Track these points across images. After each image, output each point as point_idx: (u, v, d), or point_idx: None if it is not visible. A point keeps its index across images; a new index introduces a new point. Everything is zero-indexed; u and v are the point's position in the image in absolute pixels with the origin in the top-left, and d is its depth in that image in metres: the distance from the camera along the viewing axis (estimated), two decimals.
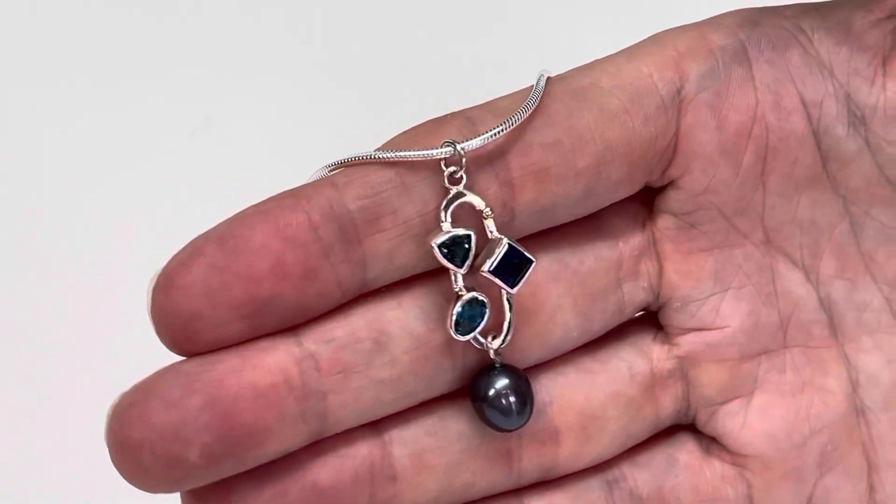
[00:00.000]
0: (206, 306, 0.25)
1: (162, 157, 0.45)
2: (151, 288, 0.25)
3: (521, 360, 0.29)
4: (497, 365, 0.28)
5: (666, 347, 0.30)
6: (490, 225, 0.27)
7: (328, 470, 0.27)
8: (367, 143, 0.28)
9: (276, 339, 0.26)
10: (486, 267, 0.27)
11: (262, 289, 0.25)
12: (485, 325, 0.27)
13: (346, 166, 0.27)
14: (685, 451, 0.31)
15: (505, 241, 0.27)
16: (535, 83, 0.28)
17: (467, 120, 0.27)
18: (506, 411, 0.28)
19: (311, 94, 0.48)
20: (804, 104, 0.29)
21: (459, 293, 0.27)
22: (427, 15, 0.52)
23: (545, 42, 0.49)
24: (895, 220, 0.30)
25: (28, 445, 0.37)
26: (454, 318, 0.27)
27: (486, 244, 0.27)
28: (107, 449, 0.25)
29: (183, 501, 0.26)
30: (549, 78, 0.29)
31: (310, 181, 0.27)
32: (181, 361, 0.25)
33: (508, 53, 0.48)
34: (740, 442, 0.30)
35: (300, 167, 0.29)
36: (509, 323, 0.28)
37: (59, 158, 0.46)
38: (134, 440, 0.24)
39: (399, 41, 0.50)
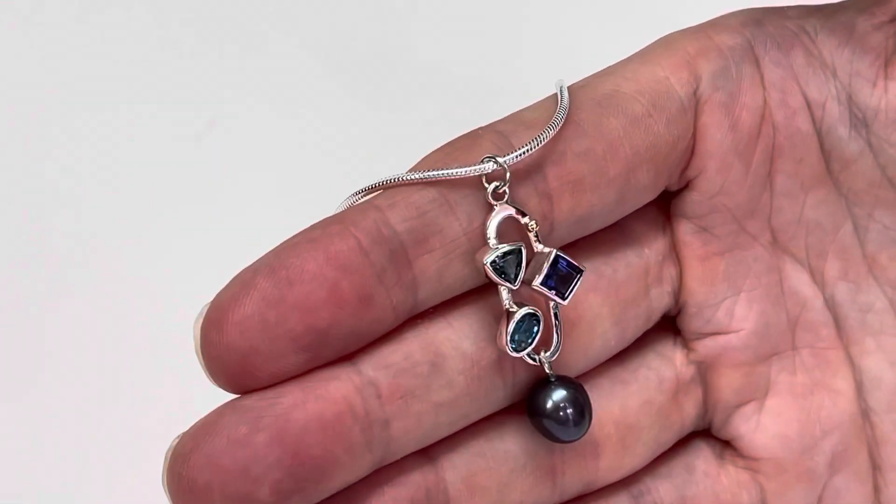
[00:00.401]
0: (264, 341, 0.24)
1: (167, 160, 0.44)
2: (200, 325, 0.25)
3: (565, 372, 0.29)
4: (552, 378, 0.28)
5: (684, 352, 0.31)
6: (534, 238, 0.27)
7: (387, 500, 0.26)
8: (374, 147, 0.27)
9: (335, 368, 0.25)
10: (536, 281, 0.27)
11: (319, 319, 0.25)
12: (538, 340, 0.27)
13: (377, 189, 0.26)
14: (702, 459, 0.31)
15: (554, 252, 0.27)
16: (557, 93, 0.28)
17: (499, 134, 0.27)
18: (565, 423, 0.27)
19: (317, 96, 0.48)
20: (808, 104, 0.29)
21: (510, 309, 0.27)
22: (436, 17, 0.51)
23: (556, 47, 0.49)
24: None
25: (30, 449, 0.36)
26: (510, 334, 0.26)
27: (532, 258, 0.27)
28: (167, 494, 0.25)
29: None
30: (569, 87, 0.29)
31: (347, 207, 0.27)
32: (240, 398, 0.25)
33: (516, 59, 0.49)
34: (754, 445, 0.31)
35: (306, 170, 0.28)
36: (558, 335, 0.27)
37: (63, 163, 0.46)
38: (202, 483, 0.24)
39: (407, 44, 0.50)
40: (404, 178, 0.26)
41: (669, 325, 0.31)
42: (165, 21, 0.52)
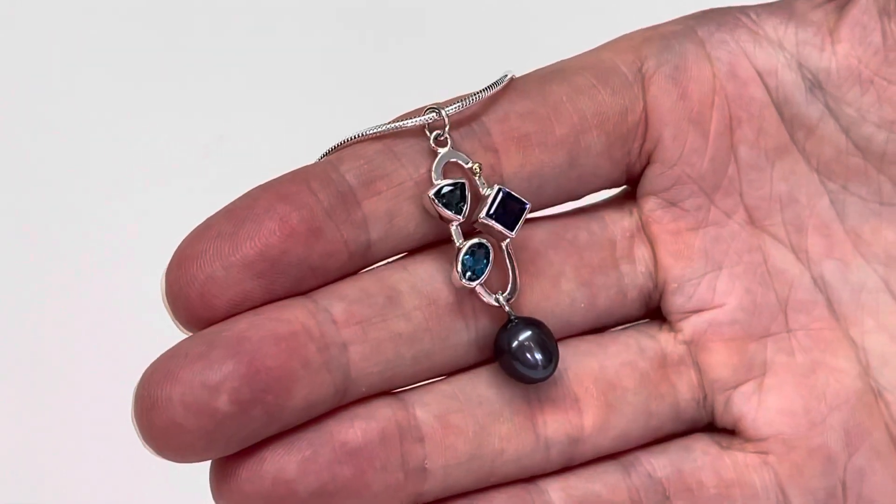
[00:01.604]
0: (219, 269, 0.26)
1: (175, 175, 0.46)
2: (164, 272, 0.26)
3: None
4: (513, 318, 0.28)
5: (672, 335, 0.31)
6: (479, 182, 0.28)
7: (355, 430, 0.27)
8: None
9: (290, 299, 0.27)
10: (482, 213, 0.28)
11: (271, 246, 0.26)
12: (489, 272, 0.28)
13: (339, 149, 0.28)
14: (701, 442, 0.31)
15: (497, 187, 0.28)
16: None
17: (446, 102, 0.29)
18: (531, 361, 0.28)
19: (325, 112, 0.49)
20: (759, 74, 0.31)
21: (460, 246, 0.28)
22: (443, 29, 0.53)
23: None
24: (874, 193, 0.31)
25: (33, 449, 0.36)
26: (461, 264, 0.27)
27: (479, 202, 0.28)
28: (135, 426, 0.25)
29: (215, 470, 0.26)
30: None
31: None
32: (202, 330, 0.26)
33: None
34: (758, 423, 0.30)
35: None
36: (513, 272, 0.28)
37: (72, 176, 0.47)
38: (163, 398, 0.25)
39: (415, 57, 0.51)
40: (355, 137, 0.28)
41: (657, 315, 0.32)
42: (177, 37, 0.54)
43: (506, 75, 0.30)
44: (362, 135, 0.28)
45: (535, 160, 0.29)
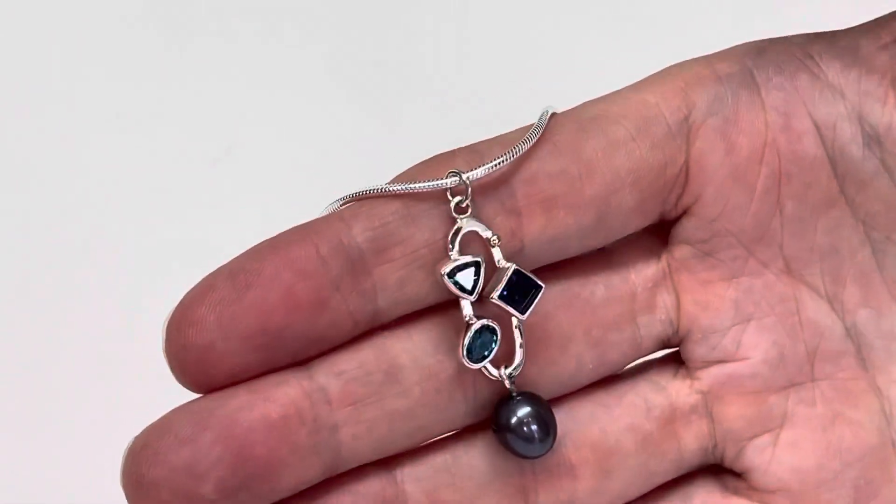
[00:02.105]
0: (219, 338, 0.25)
1: (184, 187, 0.46)
2: (165, 326, 0.26)
3: (535, 391, 0.29)
4: (515, 393, 0.28)
5: (688, 382, 0.30)
6: (497, 253, 0.27)
7: None
8: (389, 172, 0.28)
9: (287, 372, 0.26)
10: (494, 294, 0.27)
11: (273, 319, 0.25)
12: (496, 353, 0.27)
13: (355, 200, 0.27)
14: (704, 491, 0.31)
15: (512, 266, 0.27)
16: (539, 118, 0.29)
17: (474, 152, 0.28)
18: (529, 438, 0.28)
19: (333, 123, 0.49)
20: (816, 126, 0.29)
21: (470, 322, 0.27)
22: (454, 41, 0.52)
23: (560, 70, 0.50)
24: None
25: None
26: (466, 345, 0.27)
27: (494, 273, 0.27)
28: (124, 493, 0.25)
29: None
30: (554, 113, 0.29)
31: (320, 216, 0.27)
32: (193, 400, 0.25)
33: (533, 91, 0.49)
34: (768, 477, 0.30)
35: (322, 197, 0.29)
36: (521, 349, 0.28)
37: (79, 187, 0.47)
38: (149, 479, 0.24)
39: (425, 71, 0.50)
40: (373, 191, 0.27)
41: (674, 358, 0.31)
42: (187, 47, 0.53)
43: (544, 115, 0.28)
44: (381, 190, 0.27)
45: (560, 223, 0.28)
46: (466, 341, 0.27)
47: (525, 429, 0.27)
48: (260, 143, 0.48)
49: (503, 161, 0.27)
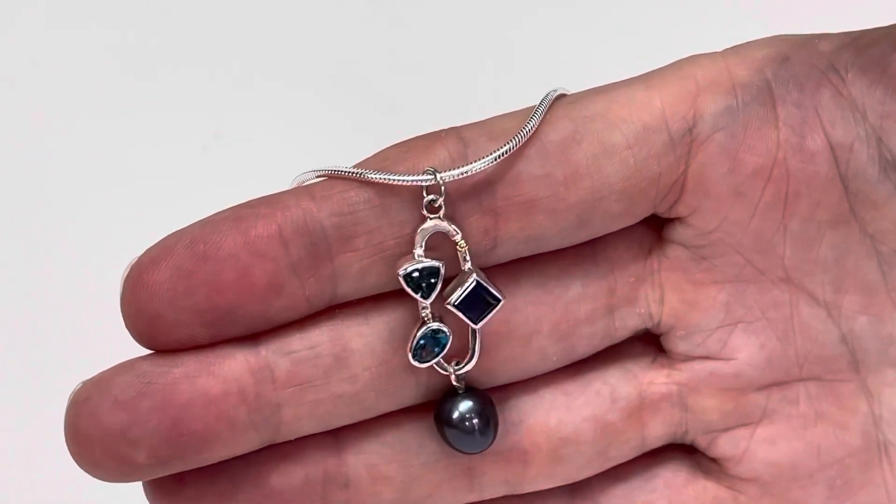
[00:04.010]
0: (170, 308, 0.25)
1: (172, 172, 0.45)
2: (123, 278, 0.26)
3: (491, 381, 0.29)
4: (460, 390, 0.28)
5: (665, 371, 0.30)
6: (462, 256, 0.27)
7: (279, 473, 0.27)
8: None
9: (235, 346, 0.26)
10: (451, 300, 0.27)
11: (225, 299, 0.25)
12: (445, 354, 0.27)
13: (330, 177, 0.27)
14: (670, 469, 0.31)
15: (473, 277, 0.26)
16: (538, 105, 0.28)
17: (459, 141, 0.27)
18: (468, 434, 0.28)
19: (322, 109, 0.48)
20: (831, 147, 0.28)
21: (425, 319, 0.27)
22: (442, 27, 0.51)
23: (564, 55, 0.48)
24: None
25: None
26: (413, 345, 0.27)
27: (457, 276, 0.27)
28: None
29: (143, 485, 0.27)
30: (557, 99, 0.28)
31: (291, 187, 0.27)
32: (139, 359, 0.26)
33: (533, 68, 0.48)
34: (741, 468, 0.30)
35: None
36: (473, 352, 0.27)
37: (68, 172, 0.47)
38: (85, 435, 0.25)
39: (414, 55, 0.50)
40: (349, 172, 0.26)
41: (653, 343, 0.30)
42: (175, 35, 0.53)
43: (545, 100, 0.27)
44: (356, 174, 0.26)
45: (538, 225, 0.27)
46: (414, 341, 0.27)
47: (466, 424, 0.28)
48: (249, 128, 0.47)
49: (483, 165, 0.26)
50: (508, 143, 0.26)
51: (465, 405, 0.28)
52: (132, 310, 0.25)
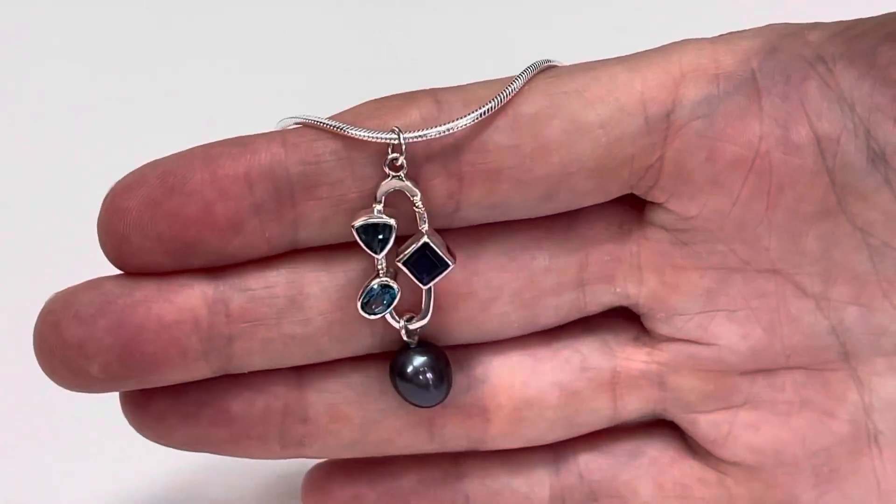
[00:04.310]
0: (136, 234, 0.26)
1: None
2: (103, 200, 0.27)
3: (449, 339, 0.29)
4: (411, 345, 0.29)
5: (646, 350, 0.30)
6: (421, 217, 0.27)
7: (241, 401, 0.29)
8: None
9: (194, 277, 0.27)
10: (400, 259, 0.27)
11: (186, 232, 0.26)
12: (394, 307, 0.28)
13: (305, 125, 0.27)
14: (656, 448, 0.31)
15: (423, 239, 0.27)
16: (519, 74, 0.28)
17: (435, 102, 0.27)
18: (422, 388, 0.28)
19: (317, 95, 0.48)
20: (818, 139, 0.27)
21: (379, 273, 0.27)
22: (438, 14, 0.51)
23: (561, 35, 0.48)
24: None
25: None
26: (362, 297, 0.27)
27: (415, 234, 0.28)
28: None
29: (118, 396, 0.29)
30: (542, 71, 0.28)
31: (270, 131, 0.28)
32: (106, 277, 0.27)
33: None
34: (724, 451, 0.30)
35: None
36: (426, 310, 0.28)
37: (65, 161, 0.48)
38: (47, 344, 0.27)
39: (409, 40, 0.50)
40: (322, 123, 0.27)
41: (636, 322, 0.31)
42: (166, 19, 0.53)
43: (527, 70, 0.28)
44: (327, 125, 0.27)
45: (501, 193, 0.28)
46: (364, 293, 0.27)
47: (420, 377, 0.28)
48: (243, 115, 0.47)
49: (448, 130, 0.27)
50: (477, 111, 0.27)
51: (419, 360, 0.28)
52: (104, 230, 0.27)
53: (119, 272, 0.27)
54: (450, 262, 0.27)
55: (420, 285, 0.28)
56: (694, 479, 0.31)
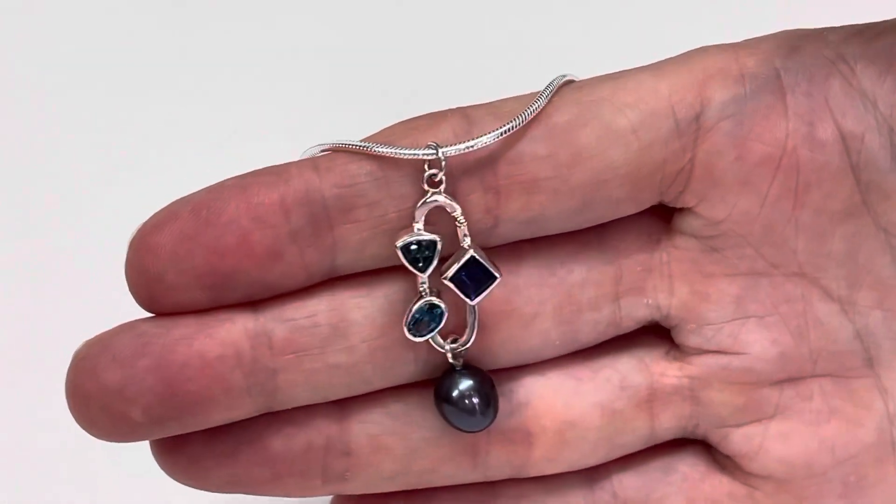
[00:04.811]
0: (171, 271, 0.26)
1: (189, 170, 0.46)
2: (129, 241, 0.26)
3: (492, 362, 0.29)
4: (457, 367, 0.28)
5: (677, 365, 0.30)
6: (461, 232, 0.27)
7: (282, 438, 0.28)
8: None
9: (234, 311, 0.26)
10: (446, 275, 0.27)
11: (225, 262, 0.26)
12: (441, 329, 0.27)
13: (335, 150, 0.27)
14: (687, 464, 0.31)
15: (469, 252, 0.27)
16: (544, 88, 0.28)
17: (465, 119, 0.27)
18: (468, 413, 0.28)
19: (337, 108, 0.48)
20: (842, 136, 0.28)
21: (422, 294, 0.27)
22: (453, 23, 0.51)
23: (574, 50, 0.49)
24: None
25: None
26: (409, 319, 0.27)
27: (456, 251, 0.27)
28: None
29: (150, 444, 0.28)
30: (564, 84, 0.28)
31: (296, 160, 0.27)
32: (140, 320, 0.26)
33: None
34: (755, 464, 0.30)
35: None
36: (471, 329, 0.28)
37: (79, 171, 0.48)
38: (84, 392, 0.25)
39: (424, 52, 0.50)
40: (353, 145, 0.27)
41: (666, 336, 0.30)
42: (189, 33, 0.53)
43: (552, 84, 0.28)
44: (361, 147, 0.26)
45: (539, 205, 0.27)
46: (410, 315, 0.27)
47: (466, 402, 0.28)
48: (264, 127, 0.47)
49: (487, 141, 0.26)
50: (512, 121, 0.27)
51: (465, 383, 0.28)
52: (135, 272, 0.26)
53: (149, 315, 0.27)
54: (497, 274, 0.27)
55: (468, 301, 0.27)
56: (724, 495, 0.30)
